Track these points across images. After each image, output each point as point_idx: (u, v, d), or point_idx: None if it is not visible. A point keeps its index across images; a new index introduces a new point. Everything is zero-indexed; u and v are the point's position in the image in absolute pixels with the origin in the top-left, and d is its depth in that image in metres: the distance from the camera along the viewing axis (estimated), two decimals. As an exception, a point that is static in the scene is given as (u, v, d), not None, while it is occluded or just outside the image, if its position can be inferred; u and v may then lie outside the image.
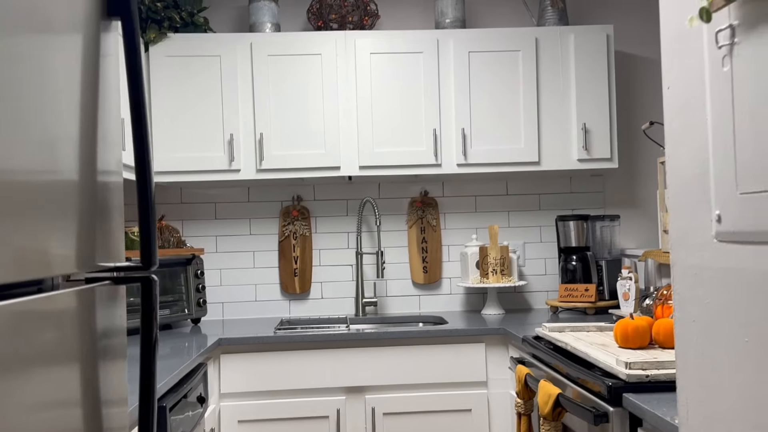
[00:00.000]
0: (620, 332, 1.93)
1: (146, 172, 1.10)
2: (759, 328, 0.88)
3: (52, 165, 0.92)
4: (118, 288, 1.16)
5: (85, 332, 1.02)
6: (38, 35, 0.90)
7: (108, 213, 1.12)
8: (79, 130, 1.01)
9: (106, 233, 1.10)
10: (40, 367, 0.87)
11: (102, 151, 1.09)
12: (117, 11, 1.12)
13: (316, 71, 3.20)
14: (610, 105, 3.28)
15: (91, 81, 1.06)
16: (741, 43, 0.90)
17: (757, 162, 0.87)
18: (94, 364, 1.05)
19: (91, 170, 1.04)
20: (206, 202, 3.52)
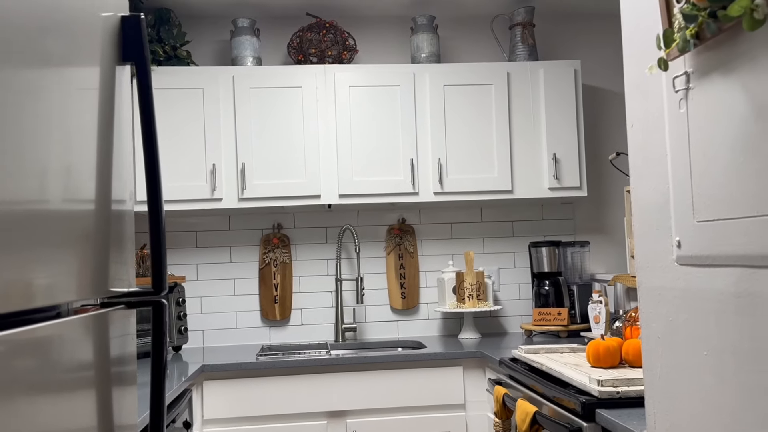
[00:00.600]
0: (592, 353, 2.03)
1: (158, 204, 1.18)
2: (715, 342, 0.98)
3: (72, 195, 1.00)
4: (130, 312, 1.23)
5: (100, 355, 1.08)
6: (61, 76, 0.98)
7: (121, 241, 1.19)
8: (96, 163, 1.08)
9: (119, 260, 1.17)
10: (60, 392, 0.93)
11: (116, 182, 1.17)
12: (131, 56, 1.21)
13: (296, 103, 3.30)
14: (578, 136, 3.43)
15: (107, 118, 1.14)
16: (695, 89, 1.01)
17: (710, 194, 0.97)
18: (108, 387, 1.11)
19: (106, 200, 1.12)
20: (187, 230, 3.57)
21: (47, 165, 0.93)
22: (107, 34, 1.17)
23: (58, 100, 0.97)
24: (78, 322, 1.01)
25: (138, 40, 1.23)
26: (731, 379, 0.94)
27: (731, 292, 0.94)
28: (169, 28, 3.29)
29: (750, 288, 0.90)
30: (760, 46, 0.87)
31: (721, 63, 0.94)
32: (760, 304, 0.88)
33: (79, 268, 1.02)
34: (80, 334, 1.01)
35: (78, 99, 1.04)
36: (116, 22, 1.21)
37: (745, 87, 0.90)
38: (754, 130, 0.89)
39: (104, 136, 1.12)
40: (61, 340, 0.95)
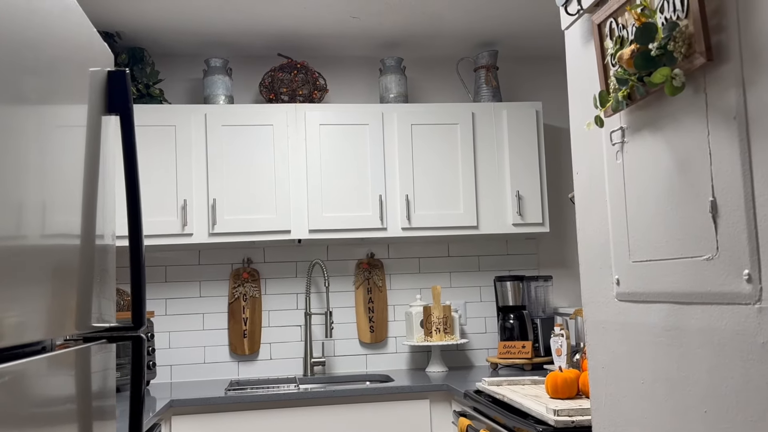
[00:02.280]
0: (551, 384, 2.11)
1: (138, 243, 1.24)
2: (650, 371, 1.06)
3: (58, 231, 1.05)
4: (110, 346, 1.28)
5: (83, 388, 1.13)
6: (53, 124, 1.05)
7: (104, 277, 1.25)
8: (82, 203, 1.15)
9: (101, 295, 1.23)
10: (43, 425, 0.98)
11: (100, 222, 1.23)
12: (116, 109, 1.30)
13: (267, 141, 3.37)
14: (540, 174, 3.55)
15: (93, 162, 1.21)
16: (629, 143, 1.12)
17: (643, 237, 1.07)
18: (89, 421, 1.15)
19: (90, 236, 1.18)
20: (157, 265, 3.60)
21: (35, 201, 0.99)
22: (95, 86, 1.25)
23: (43, 141, 1.03)
24: (62, 357, 1.05)
25: (123, 93, 1.32)
26: (664, 405, 1.02)
27: (662, 326, 1.02)
28: (142, 67, 3.36)
29: (677, 322, 0.98)
30: (681, 109, 0.97)
31: (650, 121, 1.04)
32: (685, 336, 0.96)
33: (65, 303, 1.07)
34: (64, 368, 1.06)
35: (64, 140, 1.10)
36: (103, 76, 1.30)
37: (669, 143, 1.00)
38: (677, 182, 0.98)
39: (89, 175, 1.19)
40: (46, 374, 0.99)
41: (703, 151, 0.94)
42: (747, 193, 0.85)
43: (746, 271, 0.85)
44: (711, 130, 0.92)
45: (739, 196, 0.87)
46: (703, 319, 0.93)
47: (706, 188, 0.93)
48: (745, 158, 0.86)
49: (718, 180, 0.91)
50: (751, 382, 0.83)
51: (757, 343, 0.82)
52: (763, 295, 0.82)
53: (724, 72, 0.89)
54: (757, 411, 0.82)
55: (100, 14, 3.12)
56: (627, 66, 1.01)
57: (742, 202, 0.86)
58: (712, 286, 0.92)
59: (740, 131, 0.86)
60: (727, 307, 0.89)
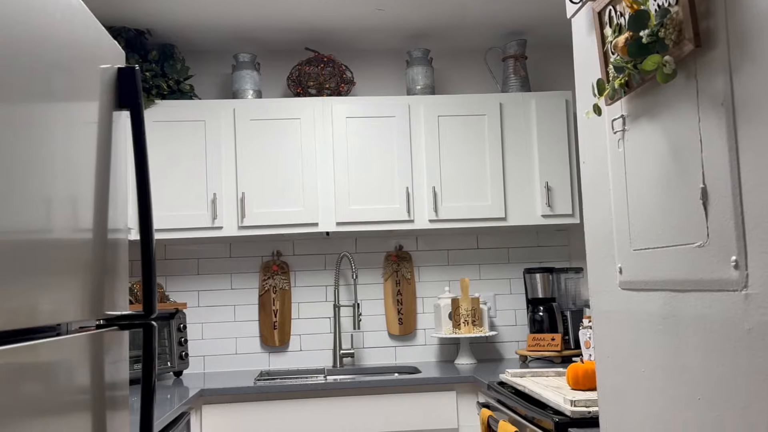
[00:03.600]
0: (572, 375, 2.10)
1: (149, 233, 1.29)
2: (650, 359, 1.06)
3: (73, 224, 1.10)
4: (122, 334, 1.32)
5: (96, 372, 1.18)
6: (66, 115, 1.10)
7: (116, 268, 1.29)
8: (94, 196, 1.19)
9: (113, 287, 1.28)
10: (58, 407, 1.02)
11: (112, 213, 1.28)
12: (126, 104, 1.34)
13: (295, 134, 3.41)
14: (570, 164, 3.51)
15: (105, 153, 1.25)
16: (629, 131, 1.11)
17: (643, 225, 1.06)
18: (102, 405, 1.20)
19: (103, 230, 1.22)
20: (189, 258, 3.68)
21: (51, 195, 1.03)
22: (106, 83, 1.30)
23: (58, 137, 1.08)
24: (76, 341, 1.10)
25: (133, 89, 1.36)
26: (662, 393, 1.02)
27: (659, 314, 1.02)
28: (173, 63, 3.42)
29: (673, 310, 0.98)
30: (675, 96, 0.96)
31: (647, 109, 1.03)
32: (681, 324, 0.96)
33: (79, 293, 1.12)
34: (78, 352, 1.10)
35: (78, 137, 1.15)
36: (113, 72, 1.34)
37: (665, 131, 0.99)
38: (671, 170, 0.97)
39: (101, 170, 1.23)
40: (61, 357, 1.04)
41: (694, 138, 0.93)
42: (734, 180, 0.85)
43: (734, 258, 0.84)
44: (701, 117, 0.91)
45: (726, 183, 0.86)
46: (697, 306, 0.93)
47: (697, 175, 0.93)
48: (732, 145, 0.85)
49: (708, 167, 0.90)
50: (739, 369, 0.83)
51: (744, 329, 0.82)
52: (749, 281, 0.81)
53: (712, 58, 0.88)
54: (745, 397, 0.82)
55: (130, 12, 3.19)
56: (622, 54, 1.00)
57: (729, 189, 0.85)
58: (704, 273, 0.91)
59: (728, 117, 0.85)
60: (717, 294, 0.88)
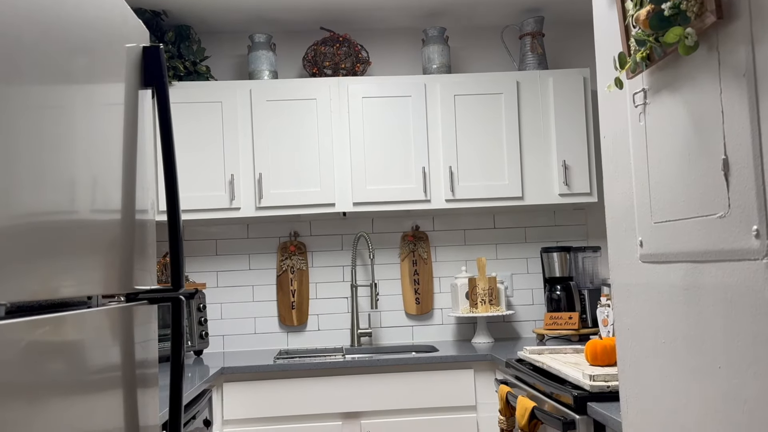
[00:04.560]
0: (590, 352, 2.11)
1: (175, 208, 1.31)
2: (670, 330, 1.07)
3: (101, 205, 1.12)
4: (151, 308, 1.35)
5: (126, 344, 1.20)
6: (91, 97, 1.12)
7: (144, 248, 1.32)
8: (122, 175, 1.22)
9: (142, 266, 1.30)
10: (90, 375, 1.05)
11: (139, 193, 1.30)
12: (152, 82, 1.36)
13: (311, 114, 3.42)
14: (588, 142, 3.50)
15: (131, 135, 1.28)
16: (651, 104, 1.11)
17: (664, 198, 1.06)
18: (133, 378, 1.23)
19: (130, 210, 1.25)
20: (208, 239, 3.71)
21: (78, 177, 1.05)
22: (131, 62, 1.32)
23: (87, 118, 1.10)
24: (106, 314, 1.12)
25: (158, 67, 1.38)
26: (682, 364, 1.03)
27: (680, 286, 1.02)
28: (189, 45, 3.44)
29: (694, 281, 0.98)
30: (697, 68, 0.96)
31: (669, 82, 1.03)
32: (702, 295, 0.96)
33: (108, 269, 1.14)
34: (108, 326, 1.13)
35: (105, 117, 1.17)
36: (139, 51, 1.36)
37: (686, 103, 0.99)
38: (693, 142, 0.98)
39: (128, 150, 1.26)
40: (92, 330, 1.06)
41: (716, 109, 0.93)
42: (755, 150, 0.85)
43: (755, 227, 0.85)
44: (723, 89, 0.91)
45: (748, 153, 0.86)
46: (717, 276, 0.93)
47: (718, 146, 0.93)
48: (754, 115, 0.85)
49: (729, 138, 0.90)
50: (759, 337, 0.84)
51: (765, 297, 0.82)
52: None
53: (734, 30, 0.88)
54: (766, 365, 0.82)
55: (147, -5, 3.20)
56: (644, 27, 1.00)
57: (751, 159, 0.85)
58: (725, 244, 0.91)
59: (749, 88, 0.85)
60: (738, 263, 0.88)
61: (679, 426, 1.05)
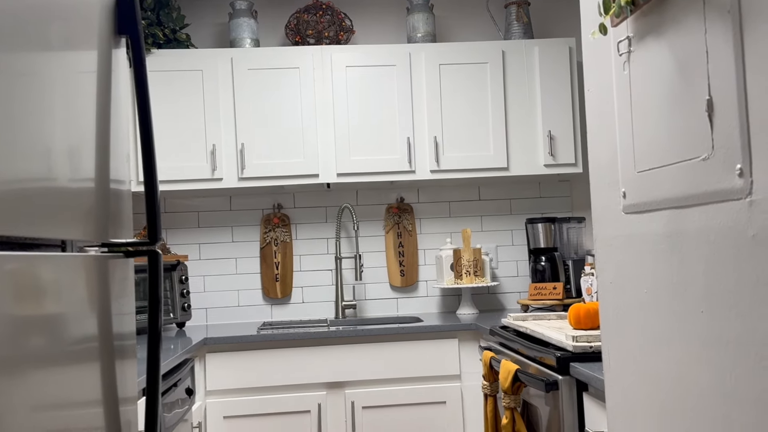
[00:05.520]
0: (573, 315, 2.11)
1: (151, 158, 1.27)
2: (652, 279, 1.05)
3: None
4: (128, 261, 1.32)
5: (103, 296, 1.17)
6: (59, 52, 1.07)
7: (119, 218, 1.28)
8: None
9: (117, 229, 1.27)
10: (63, 320, 1.01)
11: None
12: (126, 29, 1.31)
13: (294, 84, 3.37)
14: (573, 113, 3.48)
15: (104, 99, 1.23)
16: (635, 51, 1.08)
17: (648, 146, 1.04)
18: (108, 323, 1.20)
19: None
20: (189, 211, 3.67)
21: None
22: (103, 11, 1.26)
23: (59, 82, 1.05)
24: (81, 259, 1.08)
25: (131, 15, 1.33)
26: (664, 311, 1.01)
27: (663, 233, 1.01)
28: (168, 12, 3.37)
29: (677, 228, 0.96)
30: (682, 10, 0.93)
31: (654, 27, 1.01)
32: (684, 240, 0.95)
33: (83, 221, 1.11)
34: (84, 274, 1.09)
35: (77, 80, 1.12)
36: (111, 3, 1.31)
37: (671, 47, 0.96)
38: (677, 86, 0.95)
39: (102, 116, 1.21)
40: (67, 275, 1.02)
41: (700, 50, 0.91)
42: (740, 88, 0.83)
43: (738, 166, 0.82)
44: (708, 28, 0.88)
45: (732, 92, 0.84)
46: (700, 220, 0.92)
47: (702, 88, 0.90)
48: (738, 51, 0.83)
49: (714, 78, 0.88)
50: (742, 277, 0.82)
51: (748, 236, 0.81)
52: (753, 188, 0.80)
53: (720, -38, 0.85)
54: (748, 305, 0.81)
55: (124, -41, 3.12)
56: (627, -33, 0.97)
57: (735, 97, 0.83)
58: (708, 186, 0.89)
59: (734, 24, 0.83)
60: (721, 204, 0.87)
61: (661, 373, 1.04)
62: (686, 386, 0.96)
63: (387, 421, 3.04)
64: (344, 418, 3.04)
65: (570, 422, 1.75)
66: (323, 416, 3.02)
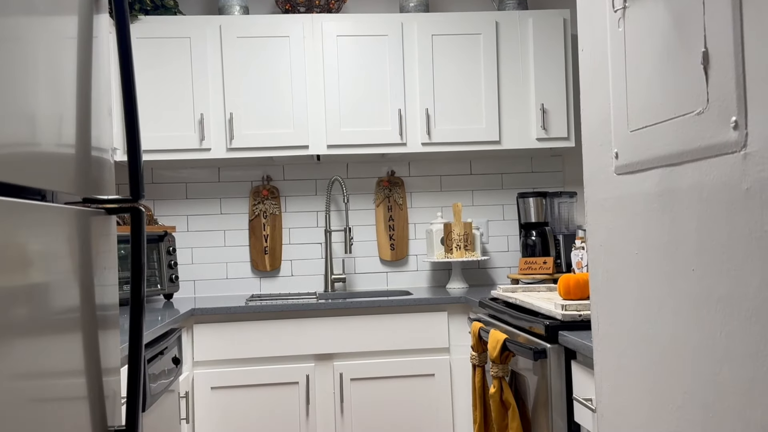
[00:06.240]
0: (563, 286, 2.09)
1: (134, 115, 1.23)
2: (643, 240, 1.03)
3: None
4: (110, 218, 1.28)
5: (85, 251, 1.14)
6: (43, 17, 1.03)
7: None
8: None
9: (99, 181, 1.23)
10: (44, 276, 0.98)
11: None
12: None
13: (284, 53, 3.32)
14: (567, 86, 3.44)
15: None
16: (630, 7, 1.05)
17: (641, 104, 1.01)
18: (90, 279, 1.16)
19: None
20: (177, 182, 3.63)
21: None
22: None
23: (41, 47, 1.01)
24: (62, 211, 1.05)
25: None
26: (655, 272, 0.99)
27: (654, 192, 0.98)
28: (156, -21, 3.30)
29: (669, 186, 0.94)
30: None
31: (649, -25, 0.98)
32: (676, 199, 0.92)
33: (63, 171, 1.07)
34: (65, 227, 1.06)
35: (60, 46, 1.08)
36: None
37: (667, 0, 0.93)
38: (672, 40, 0.92)
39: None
40: (48, 226, 0.99)
41: (697, 1, 0.88)
42: (736, 38, 0.80)
43: (733, 118, 0.80)
44: (706, -25, 0.85)
45: (728, 42, 0.81)
46: (693, 176, 0.89)
47: (698, 40, 0.87)
48: (736, 2, 0.80)
49: (710, 29, 0.85)
50: (735, 231, 0.80)
51: (742, 189, 0.78)
52: (748, 140, 0.77)
53: None
54: (739, 259, 0.79)
55: None
56: None
57: (732, 48, 0.80)
58: (702, 141, 0.87)
59: (732, -30, 0.80)
60: (715, 159, 0.84)
61: (651, 335, 1.02)
62: (677, 347, 0.94)
63: (375, 394, 3.04)
64: (332, 390, 3.03)
65: (558, 390, 1.74)
66: (311, 388, 3.01)
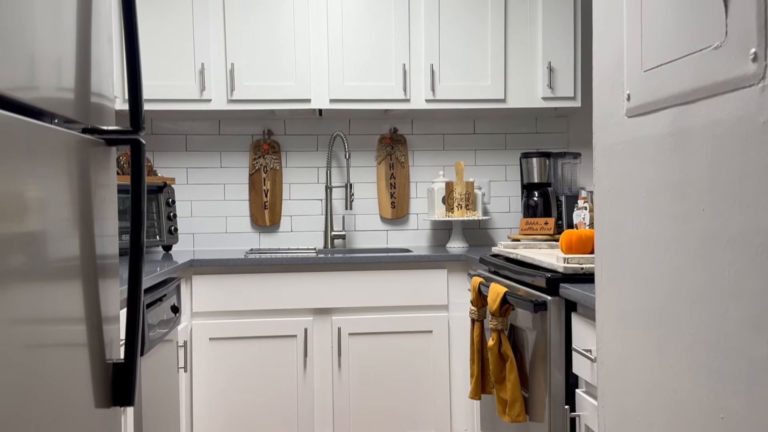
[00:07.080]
0: (565, 241, 2.07)
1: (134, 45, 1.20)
2: (652, 183, 1.01)
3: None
4: (110, 150, 1.26)
5: (84, 181, 1.11)
6: None
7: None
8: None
9: (99, 119, 1.20)
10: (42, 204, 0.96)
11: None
12: None
13: (287, 3, 3.26)
14: (575, 45, 3.38)
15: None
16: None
17: (656, 41, 0.98)
18: (89, 210, 1.14)
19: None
20: (177, 133, 3.59)
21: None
22: None
23: None
24: (61, 135, 1.02)
25: None
26: (663, 214, 0.97)
27: (667, 133, 0.95)
28: (157, -76, 3.22)
29: (682, 125, 0.91)
30: None
31: None
32: (689, 137, 0.90)
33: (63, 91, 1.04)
34: (64, 152, 1.03)
35: None
36: None
37: None
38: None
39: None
40: (47, 148, 0.96)
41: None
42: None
43: (753, 50, 0.77)
44: None
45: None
46: (708, 114, 0.86)
47: (719, -31, 0.84)
48: None
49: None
50: (749, 166, 0.77)
51: (758, 123, 0.76)
52: (767, 72, 0.74)
53: None
54: (754, 195, 0.76)
55: None
56: None
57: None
58: (718, 75, 0.84)
59: None
60: (731, 94, 0.81)
61: (657, 279, 1.00)
62: (683, 289, 0.92)
63: (373, 348, 3.05)
64: (330, 344, 3.04)
65: (557, 341, 1.74)
66: (309, 341, 3.02)
